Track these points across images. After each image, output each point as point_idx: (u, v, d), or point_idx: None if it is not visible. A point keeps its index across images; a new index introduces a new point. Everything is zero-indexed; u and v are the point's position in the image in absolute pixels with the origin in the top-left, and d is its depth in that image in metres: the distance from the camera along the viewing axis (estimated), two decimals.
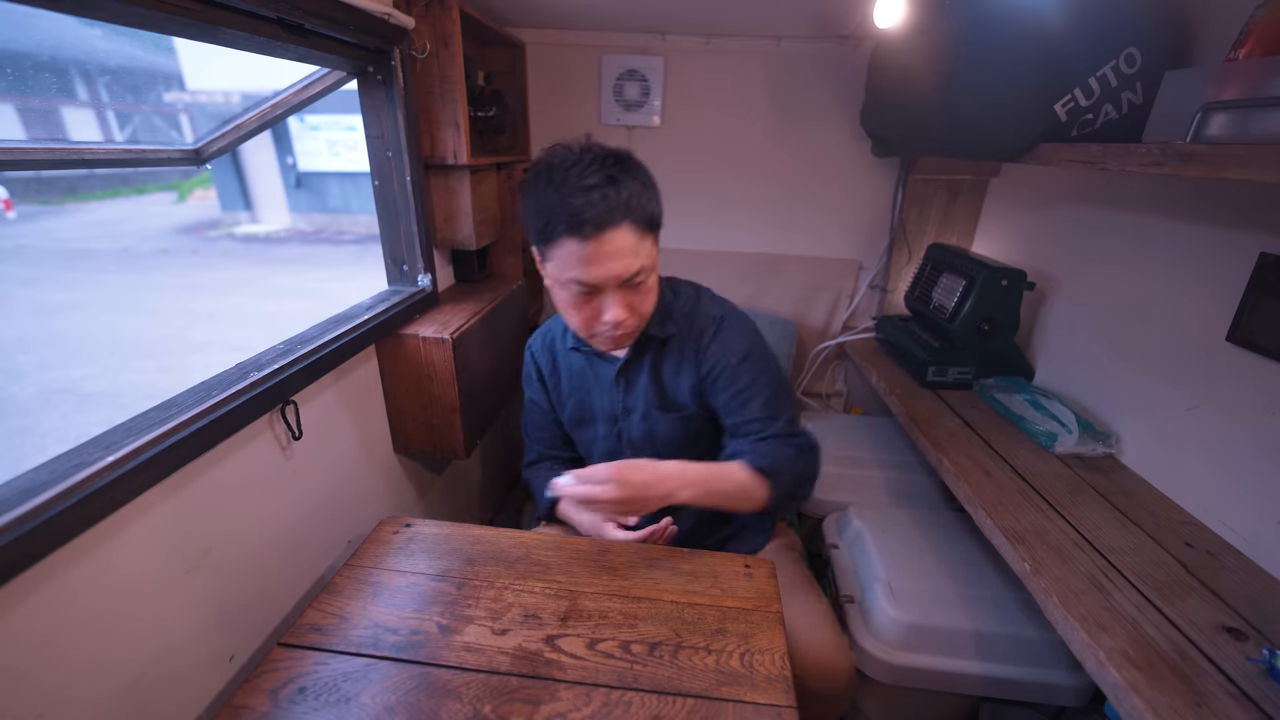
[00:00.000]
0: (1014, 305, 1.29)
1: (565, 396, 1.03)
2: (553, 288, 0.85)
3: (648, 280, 0.83)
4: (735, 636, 0.71)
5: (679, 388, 0.95)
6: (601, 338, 0.86)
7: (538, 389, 1.06)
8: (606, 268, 0.77)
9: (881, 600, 1.08)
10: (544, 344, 1.05)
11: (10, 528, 0.53)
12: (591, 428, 1.02)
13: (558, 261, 0.79)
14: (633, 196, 0.77)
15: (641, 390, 0.96)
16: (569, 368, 1.02)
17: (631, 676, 0.65)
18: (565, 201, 0.74)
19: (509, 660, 0.67)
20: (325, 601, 0.74)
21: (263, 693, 0.62)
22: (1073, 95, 0.96)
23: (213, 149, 1.01)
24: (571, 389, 1.02)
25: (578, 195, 0.74)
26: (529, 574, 0.80)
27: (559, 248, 0.77)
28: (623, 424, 0.99)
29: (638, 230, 0.78)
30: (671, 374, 0.95)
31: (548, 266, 0.83)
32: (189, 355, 4.45)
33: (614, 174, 0.76)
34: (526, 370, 1.07)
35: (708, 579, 0.80)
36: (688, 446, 0.97)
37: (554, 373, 1.03)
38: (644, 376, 0.95)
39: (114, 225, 9.53)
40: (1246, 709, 0.61)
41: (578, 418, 1.03)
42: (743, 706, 0.62)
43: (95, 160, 0.81)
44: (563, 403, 1.03)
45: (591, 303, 0.82)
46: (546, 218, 0.77)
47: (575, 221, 0.74)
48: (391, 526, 0.88)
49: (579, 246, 0.75)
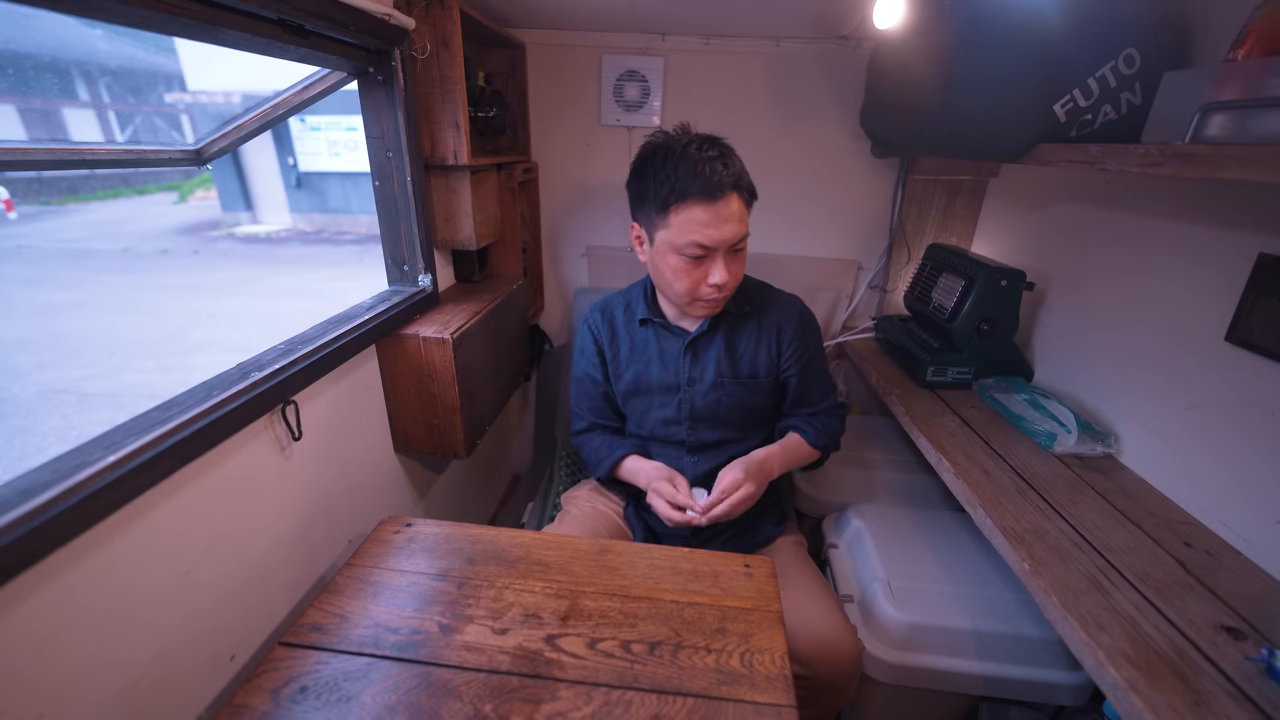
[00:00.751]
0: (1013, 305, 1.29)
1: (624, 367, 1.09)
2: (660, 256, 0.94)
3: (744, 249, 0.95)
4: (735, 636, 0.71)
5: (758, 360, 1.05)
6: (703, 301, 0.95)
7: (593, 360, 1.12)
8: (723, 230, 0.88)
9: (881, 600, 1.08)
10: (604, 317, 1.12)
11: (11, 528, 0.53)
12: (647, 397, 1.08)
13: (678, 226, 0.88)
14: (741, 171, 0.91)
15: (712, 361, 1.04)
16: (631, 339, 1.09)
17: (632, 676, 0.65)
18: (693, 170, 0.86)
19: (509, 660, 0.67)
20: (326, 601, 0.74)
21: (264, 692, 0.62)
22: (1072, 96, 0.96)
23: (213, 149, 1.01)
24: (631, 359, 1.09)
25: (704, 165, 0.86)
26: (529, 573, 0.80)
27: (682, 213, 0.88)
28: (685, 394, 1.05)
29: (744, 200, 0.91)
30: (749, 347, 1.05)
31: (660, 235, 0.92)
32: (190, 355, 4.46)
33: (724, 151, 0.90)
34: (581, 343, 1.14)
35: (708, 579, 0.80)
36: (747, 414, 1.07)
37: (614, 343, 1.10)
38: (716, 349, 1.04)
39: (115, 225, 9.53)
40: (1245, 708, 0.61)
41: (634, 387, 1.09)
42: (743, 706, 0.62)
43: (96, 161, 0.82)
44: (620, 373, 1.10)
45: (700, 266, 0.92)
46: (672, 185, 0.87)
47: (705, 185, 0.86)
48: (392, 526, 0.89)
49: (704, 210, 0.87)
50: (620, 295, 1.14)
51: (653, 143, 0.93)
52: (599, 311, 1.13)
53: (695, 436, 1.07)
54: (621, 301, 1.13)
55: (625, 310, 1.11)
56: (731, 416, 1.06)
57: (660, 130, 0.95)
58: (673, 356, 1.05)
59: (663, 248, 0.93)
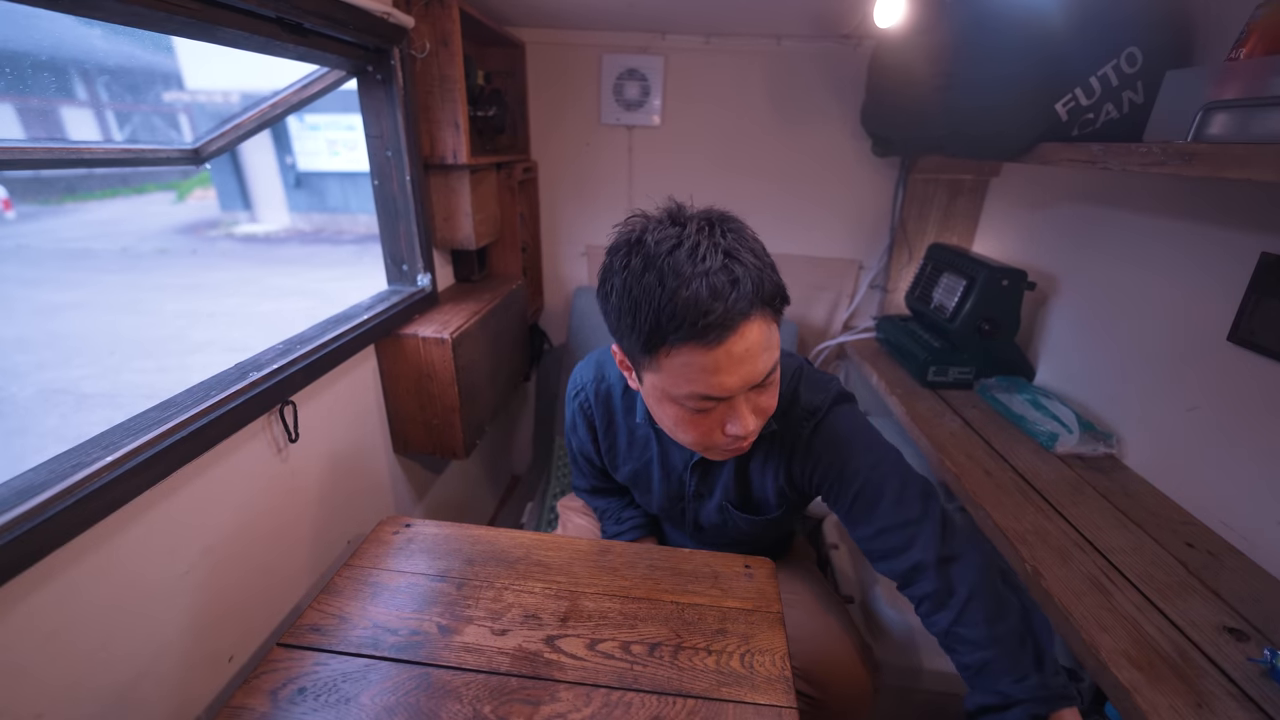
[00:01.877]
0: (1015, 305, 1.28)
1: (621, 460, 0.91)
2: (654, 401, 0.69)
3: (774, 373, 0.67)
4: (735, 637, 0.70)
5: (765, 488, 0.82)
6: (720, 450, 0.71)
7: (586, 442, 0.93)
8: (738, 374, 0.61)
9: (882, 601, 1.08)
10: (598, 399, 0.89)
11: (10, 527, 0.53)
12: (648, 496, 0.92)
13: (671, 373, 0.62)
14: (760, 275, 0.60)
15: (721, 485, 0.85)
16: (631, 434, 0.88)
17: (632, 677, 0.65)
18: (680, 300, 0.57)
19: (509, 661, 0.66)
20: (325, 602, 0.74)
21: (262, 693, 0.62)
22: (1073, 94, 0.96)
23: (212, 148, 1.01)
24: (629, 456, 0.90)
25: (703, 288, 0.57)
26: (529, 574, 0.80)
27: (672, 358, 0.61)
28: (691, 506, 0.89)
29: (770, 318, 0.62)
30: (758, 471, 0.82)
31: (648, 378, 0.66)
32: (188, 355, 4.45)
33: (730, 247, 0.60)
34: (572, 420, 0.93)
35: (708, 579, 0.80)
36: (757, 535, 0.90)
37: (609, 432, 0.90)
38: (726, 472, 0.83)
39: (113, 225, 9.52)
40: (1247, 709, 0.61)
41: (633, 482, 0.92)
42: (743, 707, 0.62)
43: (94, 160, 0.81)
44: (617, 465, 0.92)
45: (712, 414, 0.66)
46: (654, 322, 0.59)
47: (700, 326, 0.57)
48: (391, 526, 0.88)
49: (704, 355, 0.59)
50: (616, 373, 0.88)
51: (624, 242, 0.63)
52: (591, 389, 0.89)
53: (701, 541, 0.95)
54: (619, 382, 0.88)
55: (624, 394, 0.87)
56: (741, 537, 0.90)
57: (639, 215, 0.65)
58: (676, 468, 0.86)
59: (654, 392, 0.67)
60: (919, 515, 0.72)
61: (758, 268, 0.60)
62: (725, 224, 0.63)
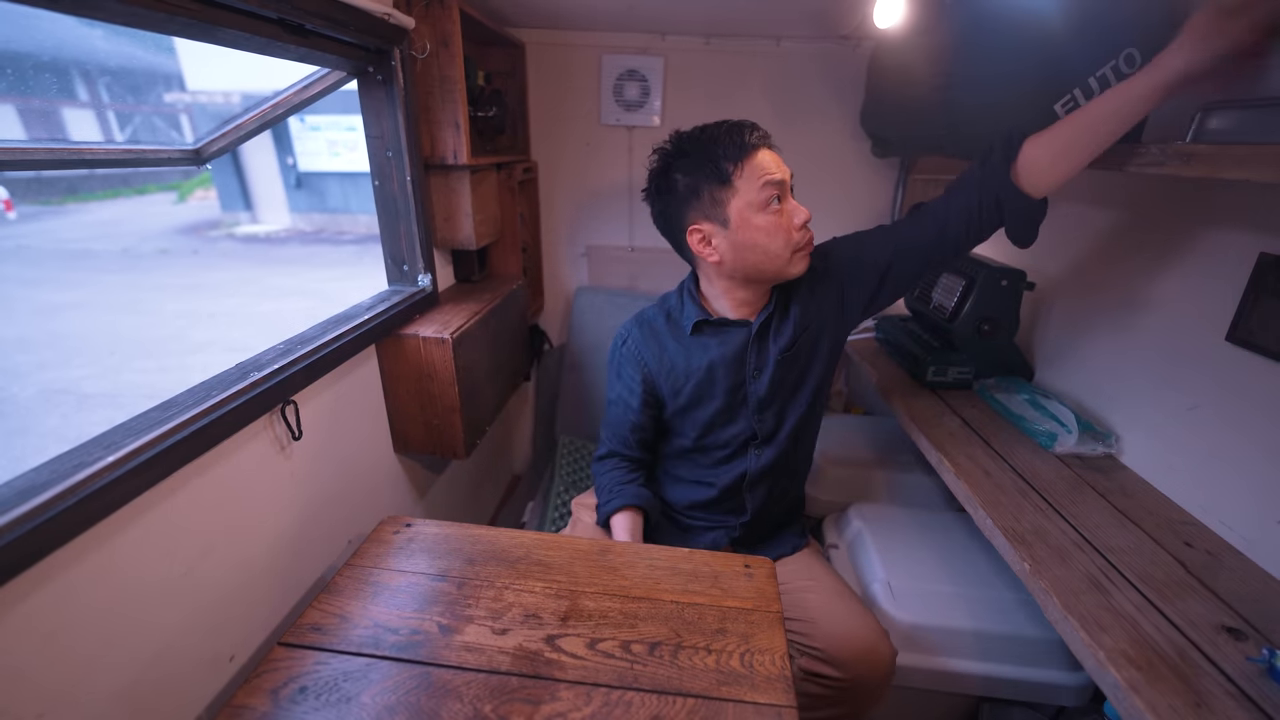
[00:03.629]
0: (1014, 305, 1.28)
1: (683, 380, 1.00)
2: (744, 229, 0.89)
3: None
4: (735, 636, 0.71)
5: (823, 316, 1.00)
6: (802, 248, 0.92)
7: (633, 384, 1.03)
8: (782, 169, 0.89)
9: (882, 600, 1.08)
10: (645, 334, 1.03)
11: (10, 527, 0.53)
12: (710, 404, 1.00)
13: (749, 180, 0.87)
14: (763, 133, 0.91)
15: (773, 344, 0.98)
16: (687, 351, 1.00)
17: (632, 676, 0.65)
18: (738, 132, 0.87)
19: (509, 660, 0.67)
20: (325, 601, 0.74)
21: (263, 692, 0.62)
22: (1073, 95, 0.96)
23: (213, 149, 1.01)
24: (691, 369, 1.00)
25: (743, 126, 0.88)
26: (529, 574, 0.80)
27: (749, 164, 0.86)
28: (750, 387, 0.99)
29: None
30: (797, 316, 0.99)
31: (733, 206, 0.88)
32: (189, 355, 4.46)
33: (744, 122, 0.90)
34: (619, 365, 1.05)
35: (707, 579, 0.80)
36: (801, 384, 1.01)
37: (663, 360, 1.01)
38: (782, 324, 0.99)
39: (114, 225, 9.53)
40: (1246, 709, 0.61)
41: (695, 398, 1.00)
42: (743, 706, 0.62)
43: (95, 160, 0.81)
44: (679, 388, 1.01)
45: (783, 213, 0.89)
46: (723, 152, 0.86)
47: (753, 137, 0.87)
48: (392, 526, 0.89)
49: (766, 153, 0.88)
50: (655, 308, 1.05)
51: (673, 142, 0.92)
52: (637, 328, 1.04)
53: (762, 425, 1.01)
54: (659, 314, 1.03)
55: (668, 321, 1.02)
56: (796, 395, 1.01)
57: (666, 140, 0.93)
58: (735, 352, 0.98)
59: (742, 217, 0.88)
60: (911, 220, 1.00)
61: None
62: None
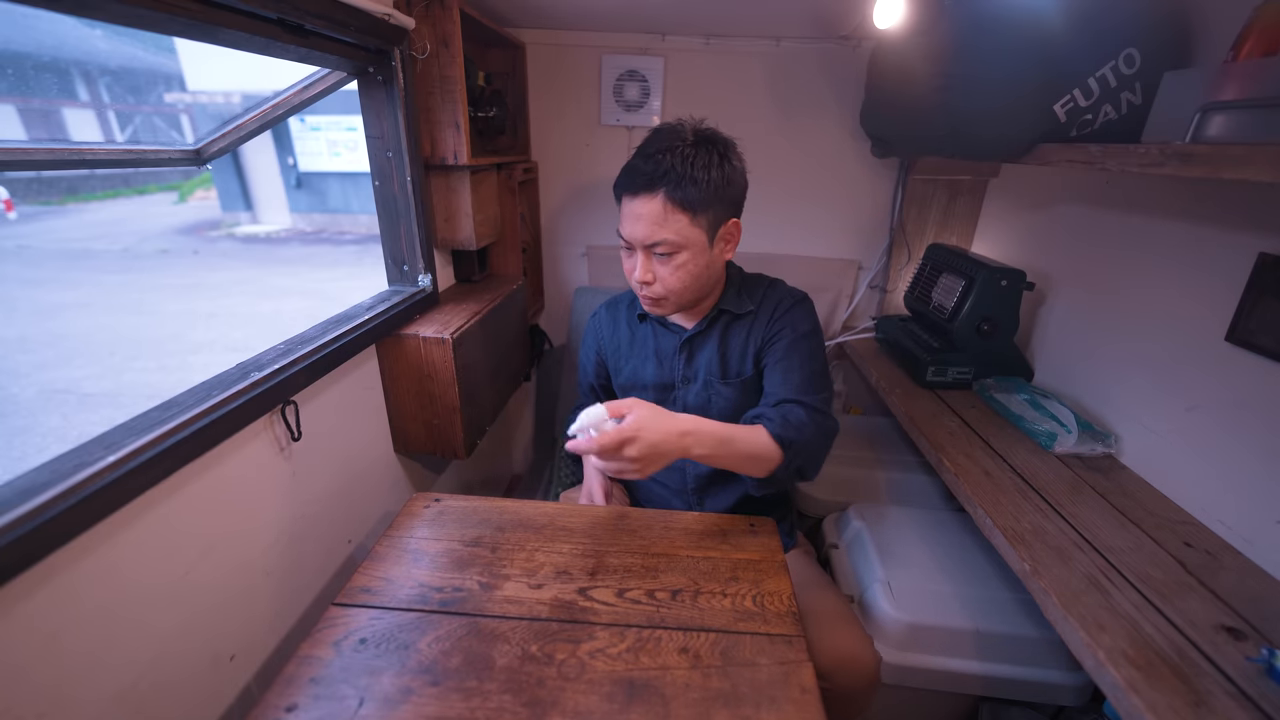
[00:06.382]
0: (1013, 305, 1.29)
1: (623, 360, 1.09)
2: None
3: (676, 256, 0.88)
4: (747, 582, 0.78)
5: (745, 356, 0.99)
6: (641, 295, 0.94)
7: (590, 351, 1.14)
8: (634, 228, 0.87)
9: (881, 600, 1.08)
10: (609, 311, 1.13)
11: (11, 527, 0.53)
12: (644, 392, 1.05)
13: (621, 213, 0.90)
14: (678, 171, 0.83)
15: (704, 361, 1.00)
16: (632, 334, 1.08)
17: (659, 618, 0.72)
18: (632, 161, 0.88)
19: (548, 609, 0.73)
20: (369, 568, 0.79)
21: (326, 644, 0.67)
22: (1072, 96, 0.96)
23: (213, 149, 1.01)
24: (630, 354, 1.08)
25: (640, 158, 0.86)
26: (556, 538, 0.86)
27: (621, 202, 0.90)
28: (680, 392, 1.03)
29: (672, 203, 0.84)
30: (739, 344, 1.00)
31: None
32: (190, 355, 4.46)
33: (673, 148, 0.84)
34: (585, 333, 1.17)
35: (718, 536, 0.87)
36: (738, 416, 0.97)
37: (613, 338, 1.10)
38: (709, 348, 1.00)
39: (115, 225, 9.53)
40: (1246, 708, 0.61)
41: (631, 383, 1.07)
42: (758, 638, 0.69)
43: (96, 161, 0.82)
44: (619, 367, 1.09)
45: (630, 259, 0.92)
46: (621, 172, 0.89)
47: (628, 179, 0.87)
48: (422, 501, 0.93)
49: (627, 202, 0.88)
50: (629, 292, 1.12)
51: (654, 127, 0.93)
52: (605, 307, 1.14)
53: None
54: (628, 297, 1.12)
55: (629, 306, 1.10)
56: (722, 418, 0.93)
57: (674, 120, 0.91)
58: (668, 354, 1.03)
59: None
60: (806, 399, 0.91)
61: (682, 169, 0.83)
62: (711, 143, 0.87)
